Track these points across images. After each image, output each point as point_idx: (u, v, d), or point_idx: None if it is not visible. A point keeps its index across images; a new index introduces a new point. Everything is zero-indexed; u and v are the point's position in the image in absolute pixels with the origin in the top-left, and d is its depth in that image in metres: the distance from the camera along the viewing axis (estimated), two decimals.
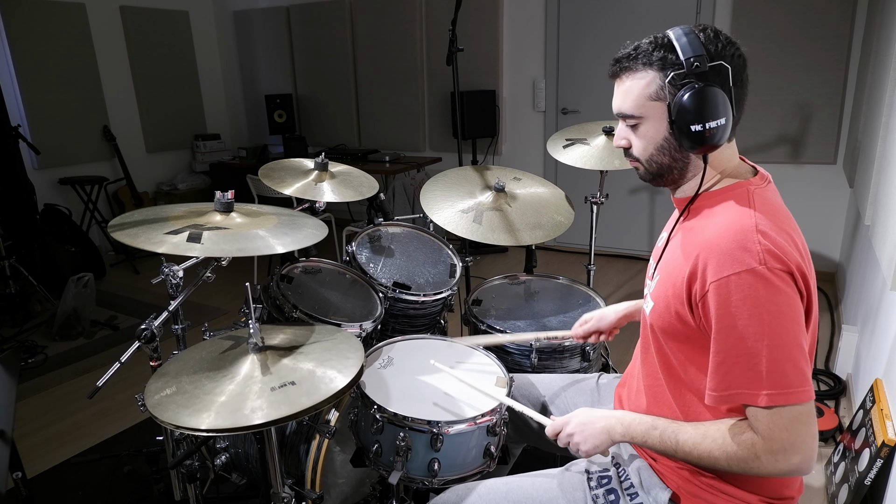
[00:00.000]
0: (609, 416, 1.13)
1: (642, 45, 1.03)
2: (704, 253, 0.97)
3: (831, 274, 3.77)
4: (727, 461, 0.98)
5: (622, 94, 1.06)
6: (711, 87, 0.96)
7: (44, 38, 4.50)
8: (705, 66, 0.97)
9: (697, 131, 0.97)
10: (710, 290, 0.95)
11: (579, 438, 1.13)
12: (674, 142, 1.03)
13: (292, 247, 1.29)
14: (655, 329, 1.09)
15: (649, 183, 1.13)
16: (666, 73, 0.99)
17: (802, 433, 0.93)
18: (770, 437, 0.93)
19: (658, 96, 1.01)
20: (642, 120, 1.05)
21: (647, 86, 1.02)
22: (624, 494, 1.14)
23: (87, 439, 2.45)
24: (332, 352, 1.19)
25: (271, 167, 1.92)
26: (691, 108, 0.96)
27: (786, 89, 3.63)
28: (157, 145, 5.41)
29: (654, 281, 1.12)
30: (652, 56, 1.01)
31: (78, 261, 4.12)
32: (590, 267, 2.32)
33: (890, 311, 1.97)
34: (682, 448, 1.03)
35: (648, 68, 1.01)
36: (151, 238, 1.19)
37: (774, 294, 0.92)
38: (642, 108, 1.03)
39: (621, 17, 4.10)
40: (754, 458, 0.95)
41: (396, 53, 4.98)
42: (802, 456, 0.93)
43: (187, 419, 0.99)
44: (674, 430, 1.05)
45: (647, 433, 1.07)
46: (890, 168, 2.01)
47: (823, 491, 1.99)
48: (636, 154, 1.09)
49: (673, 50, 0.99)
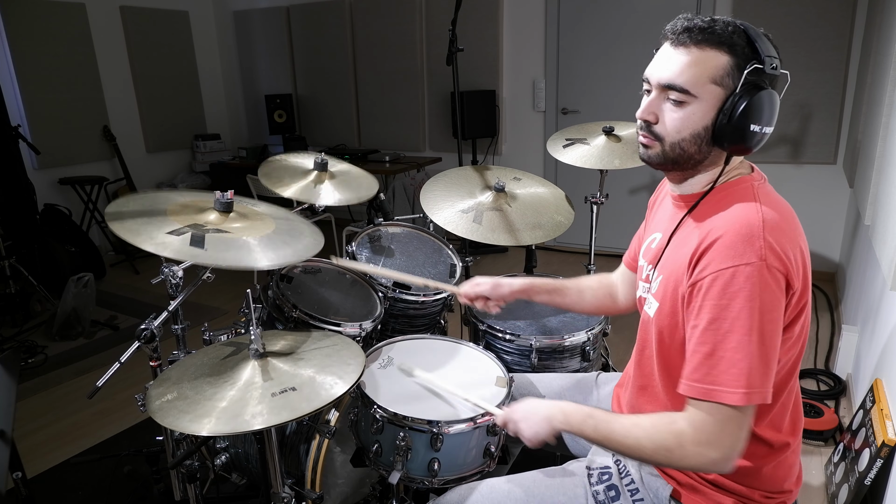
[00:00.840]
0: (552, 406, 1.14)
1: (719, 22, 0.96)
2: (712, 242, 0.95)
3: (831, 274, 3.77)
4: (653, 450, 0.98)
5: (682, 65, 0.96)
6: (777, 93, 0.96)
7: (44, 38, 4.50)
8: (779, 70, 0.95)
9: (753, 132, 0.95)
10: (710, 278, 0.94)
11: (523, 425, 1.14)
12: (711, 133, 0.98)
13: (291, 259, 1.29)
14: (662, 330, 1.07)
15: (654, 166, 1.06)
16: (740, 63, 0.94)
17: (733, 433, 0.93)
18: (701, 429, 0.94)
19: (723, 83, 0.95)
20: (693, 99, 0.97)
21: (717, 66, 0.95)
22: (625, 490, 1.14)
23: (87, 439, 2.45)
24: (332, 358, 1.19)
25: (271, 165, 1.92)
26: (759, 108, 0.94)
27: (786, 89, 3.63)
28: (157, 145, 5.41)
29: (655, 282, 1.10)
30: (732, 38, 0.95)
31: (78, 261, 4.12)
32: (590, 267, 2.32)
33: (890, 311, 1.97)
34: (614, 437, 1.03)
35: (723, 49, 0.95)
36: (153, 238, 1.18)
37: (766, 291, 0.92)
38: (701, 87, 0.96)
39: (621, 18, 4.10)
40: (679, 447, 0.95)
41: (396, 53, 4.98)
42: (723, 454, 0.93)
43: (188, 425, 1.00)
44: (607, 420, 1.05)
45: (584, 422, 1.07)
46: (890, 168, 2.01)
47: (823, 491, 1.99)
48: (661, 133, 1.01)
49: (751, 43, 0.95)
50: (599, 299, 1.44)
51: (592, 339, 1.71)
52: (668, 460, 0.98)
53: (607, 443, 1.04)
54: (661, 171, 1.09)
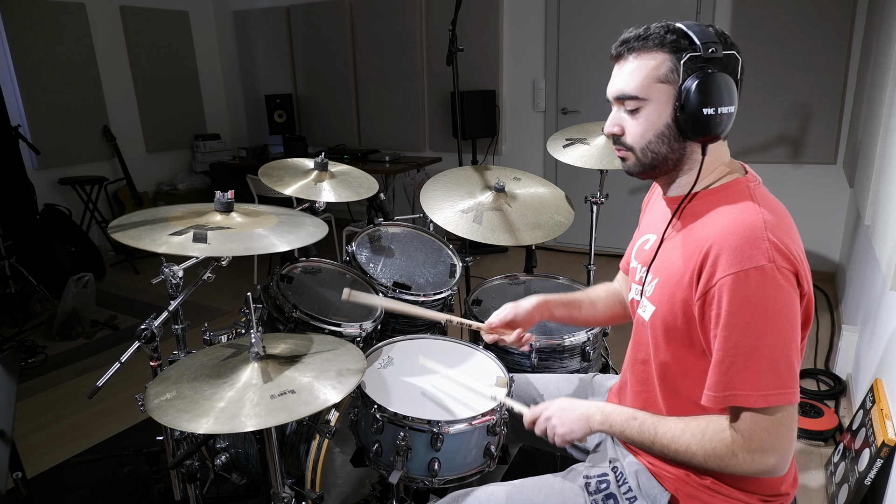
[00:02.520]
0: (590, 405, 1.13)
1: (652, 27, 1.00)
2: (715, 247, 0.95)
3: (831, 274, 3.77)
4: (704, 457, 0.98)
5: (626, 75, 1.01)
6: (725, 73, 0.96)
7: (44, 38, 4.50)
8: (720, 52, 0.96)
9: (709, 115, 0.95)
10: (720, 285, 0.93)
11: (556, 422, 1.13)
12: (675, 130, 1.00)
13: (296, 244, 1.29)
14: (659, 333, 1.07)
15: (637, 176, 1.09)
16: (679, 56, 0.97)
17: (783, 435, 0.93)
18: (750, 436, 0.94)
19: (668, 79, 0.98)
20: (645, 103, 1.01)
21: (657, 67, 0.98)
22: (622, 498, 1.13)
23: (87, 439, 2.45)
24: (332, 362, 1.20)
25: (271, 167, 1.92)
26: (706, 91, 0.95)
27: (786, 89, 3.63)
28: (157, 145, 5.41)
29: (650, 285, 1.10)
30: (665, 38, 0.98)
31: (78, 261, 4.12)
32: (590, 267, 2.32)
33: (890, 311, 1.97)
34: (660, 441, 1.03)
35: (660, 50, 0.98)
36: (156, 239, 1.19)
37: (780, 293, 0.92)
38: (648, 89, 1.00)
39: (621, 17, 4.10)
40: (731, 455, 0.95)
41: (396, 53, 4.98)
42: (779, 458, 0.94)
43: (186, 423, 1.00)
44: (653, 423, 1.05)
45: (627, 423, 1.07)
46: (890, 168, 2.01)
47: (823, 491, 1.99)
48: (630, 142, 1.05)
49: (686, 36, 0.98)
50: (611, 308, 1.44)
51: (592, 339, 1.71)
52: (722, 468, 0.98)
53: (653, 446, 1.04)
54: (647, 179, 1.11)
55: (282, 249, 1.26)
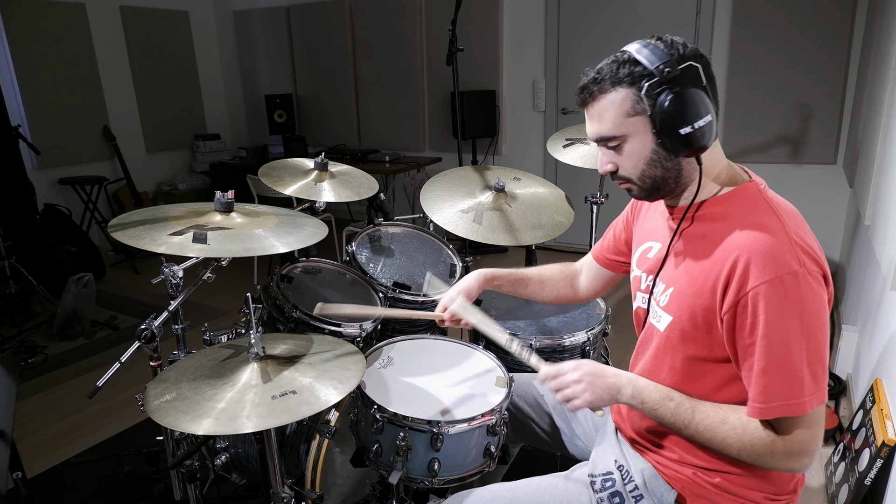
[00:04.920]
0: (622, 375, 1.11)
1: (604, 66, 1.01)
2: (744, 256, 0.94)
3: (831, 274, 3.77)
4: (739, 449, 0.99)
5: (597, 119, 1.03)
6: (688, 88, 0.96)
7: (44, 38, 4.50)
8: (676, 69, 0.95)
9: (687, 133, 0.95)
10: (754, 293, 0.93)
11: (583, 386, 1.08)
12: (663, 152, 1.00)
13: (296, 245, 1.30)
14: (675, 343, 1.06)
15: (647, 200, 1.11)
16: (638, 86, 0.97)
17: (818, 435, 0.95)
18: (792, 440, 0.95)
19: (636, 111, 0.98)
20: (625, 139, 1.02)
21: (622, 103, 0.99)
22: (629, 497, 1.13)
23: (87, 439, 2.45)
24: (332, 362, 1.20)
25: (271, 167, 1.92)
26: (676, 113, 0.95)
27: (786, 89, 3.63)
28: (157, 145, 5.41)
29: (664, 295, 1.08)
30: (618, 74, 0.98)
31: (78, 261, 4.12)
32: None
33: (890, 311, 1.98)
34: (695, 426, 1.02)
35: (618, 86, 0.99)
36: (156, 239, 1.20)
37: (814, 296, 0.93)
38: (621, 126, 1.00)
39: (621, 17, 4.10)
40: (769, 454, 0.96)
41: (396, 53, 4.98)
42: (811, 457, 0.96)
43: (187, 425, 1.00)
44: (691, 407, 1.04)
45: (661, 402, 1.05)
46: (890, 168, 2.01)
47: (823, 491, 1.99)
48: (626, 175, 1.06)
49: (637, 63, 0.97)
50: (560, 290, 1.47)
51: (592, 339, 1.71)
52: (756, 462, 0.99)
53: (685, 429, 1.04)
54: (656, 200, 1.12)
55: (281, 251, 1.27)
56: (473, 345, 1.57)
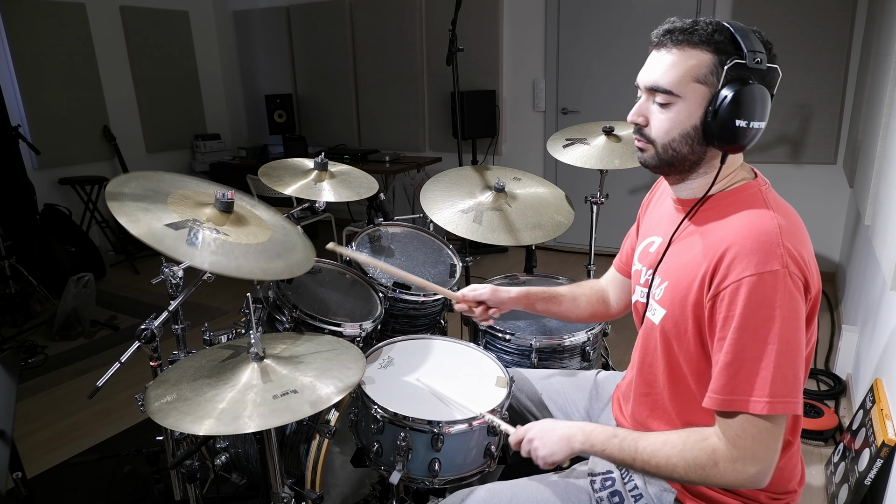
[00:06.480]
0: (571, 426, 1.12)
1: (701, 22, 0.96)
2: (731, 250, 0.93)
3: (831, 274, 3.77)
4: (685, 468, 0.97)
5: (665, 67, 0.97)
6: (764, 87, 0.94)
7: (44, 38, 4.50)
8: (764, 64, 0.94)
9: (740, 127, 0.94)
10: (732, 287, 0.92)
11: (538, 444, 1.11)
12: (701, 133, 0.98)
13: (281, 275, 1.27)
14: (670, 337, 1.06)
15: (651, 170, 1.07)
16: (723, 59, 0.94)
17: (769, 445, 0.92)
18: (735, 444, 0.93)
19: (706, 80, 0.95)
20: (677, 100, 0.98)
21: (698, 66, 0.95)
22: (629, 496, 1.13)
23: (87, 439, 2.45)
24: (333, 362, 1.19)
25: (271, 167, 1.92)
26: (743, 103, 0.93)
27: (786, 89, 3.63)
28: (157, 145, 5.41)
29: (658, 288, 1.08)
30: (713, 37, 0.95)
31: (78, 261, 4.12)
32: (590, 267, 2.31)
33: (890, 311, 1.97)
34: (641, 456, 1.01)
35: (704, 48, 0.95)
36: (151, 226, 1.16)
37: (790, 299, 0.91)
38: (684, 87, 0.96)
39: (621, 18, 4.10)
40: (713, 465, 0.94)
41: (396, 53, 4.98)
42: (760, 468, 0.92)
43: (189, 426, 1.00)
44: (634, 439, 1.03)
45: (608, 441, 1.05)
46: (890, 168, 2.01)
47: (823, 491, 1.99)
48: (653, 135, 1.02)
49: (733, 40, 0.95)
50: (593, 305, 1.44)
51: (592, 339, 1.71)
52: (703, 478, 0.96)
53: (634, 462, 1.03)
54: (660, 174, 1.09)
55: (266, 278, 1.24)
56: (473, 344, 1.57)
